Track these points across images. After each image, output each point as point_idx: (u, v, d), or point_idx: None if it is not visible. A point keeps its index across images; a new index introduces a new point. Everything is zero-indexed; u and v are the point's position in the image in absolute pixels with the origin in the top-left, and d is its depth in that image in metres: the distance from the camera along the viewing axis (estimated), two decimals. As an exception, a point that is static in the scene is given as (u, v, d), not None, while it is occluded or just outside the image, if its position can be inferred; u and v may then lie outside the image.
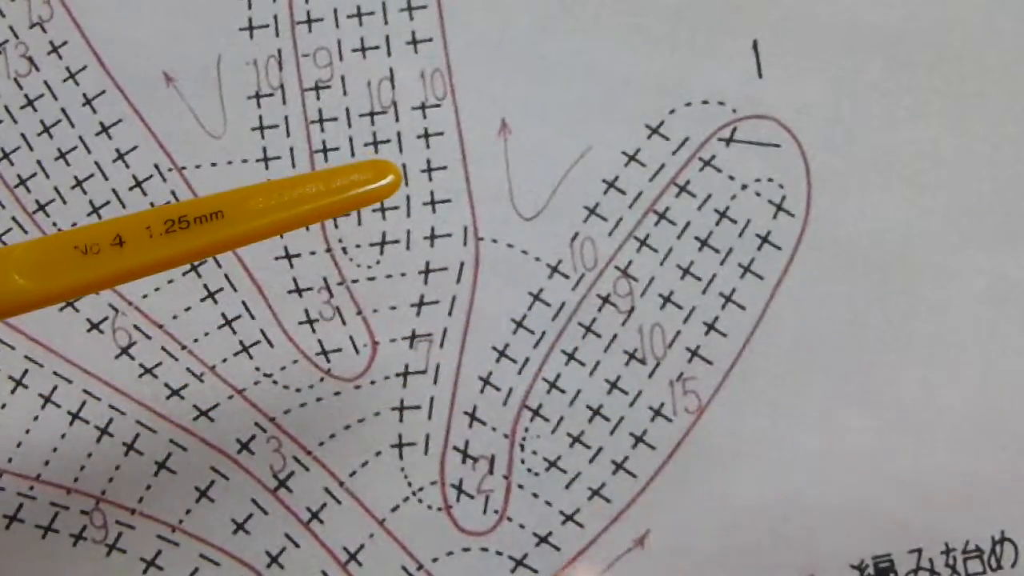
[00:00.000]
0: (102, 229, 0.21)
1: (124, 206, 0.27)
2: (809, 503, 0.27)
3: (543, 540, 0.27)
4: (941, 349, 0.27)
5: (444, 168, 0.27)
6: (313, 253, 0.27)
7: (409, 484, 0.27)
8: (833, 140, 0.27)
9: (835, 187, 0.27)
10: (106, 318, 0.27)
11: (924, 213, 0.27)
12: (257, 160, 0.27)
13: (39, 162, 0.27)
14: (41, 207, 0.27)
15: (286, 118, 0.27)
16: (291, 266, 0.27)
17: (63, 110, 0.27)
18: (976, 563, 0.27)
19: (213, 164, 0.27)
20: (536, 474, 0.27)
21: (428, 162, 0.27)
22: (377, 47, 0.28)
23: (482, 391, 0.27)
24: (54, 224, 0.27)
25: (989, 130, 0.28)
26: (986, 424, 0.27)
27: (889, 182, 0.27)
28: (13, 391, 0.27)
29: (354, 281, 0.27)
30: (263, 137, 0.27)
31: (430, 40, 0.28)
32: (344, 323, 0.27)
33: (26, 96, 0.27)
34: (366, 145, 0.27)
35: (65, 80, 0.27)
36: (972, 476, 0.27)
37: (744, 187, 0.27)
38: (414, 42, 0.28)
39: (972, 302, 0.27)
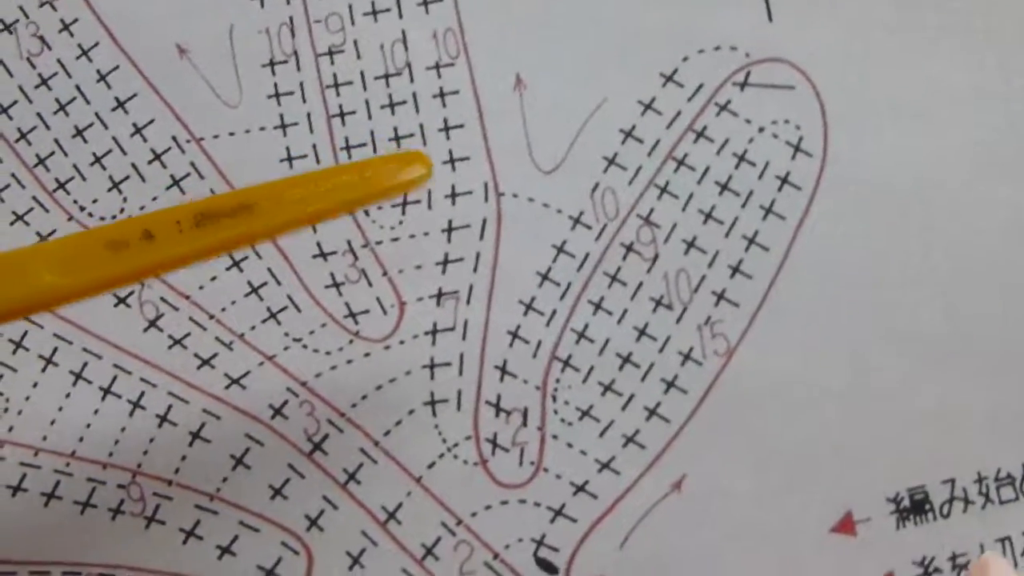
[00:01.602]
0: (131, 225, 0.21)
1: (144, 180, 0.27)
2: (841, 439, 0.27)
3: (580, 489, 0.27)
4: (963, 281, 0.27)
5: (461, 126, 0.27)
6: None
7: (444, 440, 0.27)
8: (846, 80, 0.28)
9: (851, 126, 0.28)
10: (132, 292, 0.27)
11: (940, 148, 0.28)
12: (275, 127, 0.27)
13: (56, 140, 0.27)
14: (61, 185, 0.27)
15: (301, 84, 0.27)
16: (314, 231, 0.27)
17: (78, 87, 0.27)
18: (1009, 490, 0.27)
19: (231, 133, 0.27)
20: (570, 424, 0.27)
21: (445, 121, 0.27)
22: (388, 9, 0.28)
23: (511, 344, 0.27)
24: (75, 202, 0.27)
25: (1000, 64, 0.28)
26: (1012, 352, 0.27)
27: (903, 119, 0.28)
28: (44, 369, 0.27)
29: (378, 243, 0.27)
30: (279, 104, 0.27)
31: (440, 0, 0.28)
32: (370, 285, 0.27)
33: (40, 76, 0.27)
34: (382, 107, 0.27)
35: (78, 57, 0.27)
36: (1000, 404, 0.27)
37: (761, 130, 0.27)
38: (425, 3, 0.28)
39: (991, 234, 0.27)
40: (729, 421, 0.27)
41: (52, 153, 0.27)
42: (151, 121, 0.27)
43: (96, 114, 0.27)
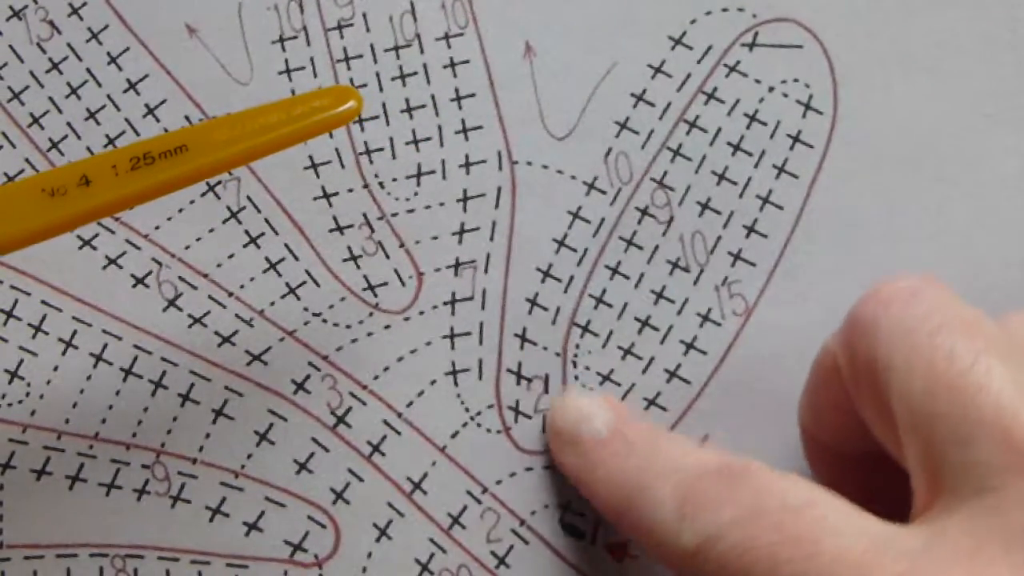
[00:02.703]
0: (68, 171, 0.21)
1: (157, 161, 0.27)
2: (863, 394, 0.27)
3: (604, 453, 0.27)
4: (980, 232, 0.27)
5: (473, 96, 0.27)
6: (351, 190, 0.27)
7: (466, 410, 0.27)
8: (853, 36, 0.28)
9: (860, 82, 0.28)
10: (150, 272, 0.27)
11: (949, 100, 0.28)
12: (287, 103, 0.27)
13: (69, 124, 0.27)
14: (75, 169, 0.27)
15: (312, 59, 0.27)
16: (330, 205, 0.27)
17: (88, 70, 0.27)
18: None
19: (243, 111, 0.27)
20: (591, 389, 0.27)
21: (456, 91, 0.27)
22: (395, -18, 0.28)
23: (530, 312, 0.27)
24: (89, 185, 0.27)
25: (1004, 13, 0.28)
26: (1029, 303, 0.27)
27: (911, 72, 0.28)
28: (64, 353, 0.27)
29: (394, 215, 0.27)
30: (291, 80, 0.27)
31: (447, -29, 0.28)
32: (388, 257, 0.27)
33: (50, 60, 0.27)
34: (393, 79, 0.27)
35: (88, 40, 0.27)
36: None
37: (771, 89, 0.28)
38: (431, -25, 0.28)
39: (1005, 183, 0.27)
40: (750, 380, 0.27)
41: (65, 137, 0.27)
42: (163, 101, 0.27)
43: (108, 96, 0.27)
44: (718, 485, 0.21)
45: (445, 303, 0.27)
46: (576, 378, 0.27)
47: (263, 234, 0.27)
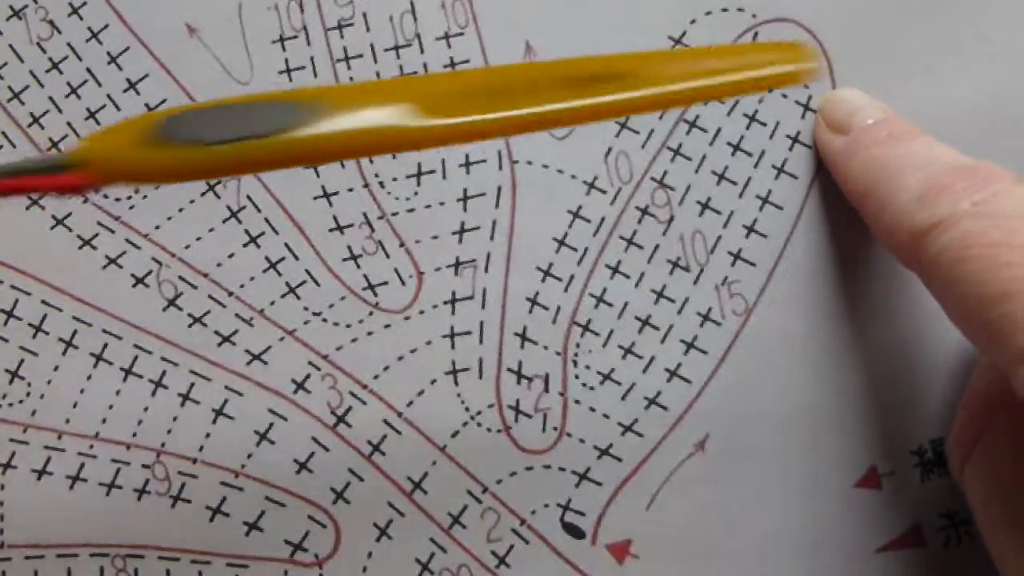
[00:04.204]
0: (516, 71, 0.20)
1: (158, 161, 0.27)
2: (862, 393, 0.27)
3: (604, 452, 0.27)
4: (977, 232, 0.27)
5: (473, 95, 0.27)
6: (351, 190, 0.27)
7: (467, 409, 0.27)
8: (851, 37, 0.28)
9: (859, 83, 0.28)
10: (150, 272, 0.27)
11: (946, 102, 0.28)
12: (287, 103, 0.27)
13: (69, 123, 0.27)
14: (75, 168, 0.27)
15: (312, 59, 0.27)
16: (330, 204, 0.27)
17: (88, 70, 0.27)
18: (1030, 439, 0.27)
19: (243, 110, 0.27)
20: (591, 388, 0.27)
21: (457, 91, 0.27)
22: (395, -18, 0.28)
23: (531, 311, 0.27)
24: (89, 185, 0.27)
25: (1002, 17, 0.28)
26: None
27: (909, 74, 0.28)
28: (64, 352, 0.27)
29: (394, 214, 0.27)
30: (291, 80, 0.27)
31: (447, -28, 0.28)
32: (388, 256, 0.27)
33: (50, 60, 0.27)
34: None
35: (88, 40, 0.27)
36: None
37: (770, 90, 0.28)
38: (431, -25, 0.28)
39: (1004, 183, 0.27)
40: (750, 380, 0.27)
41: (65, 136, 0.27)
42: (163, 101, 0.27)
43: (108, 96, 0.27)
44: (965, 179, 0.22)
45: (445, 302, 0.27)
46: (576, 377, 0.27)
47: (263, 233, 0.27)
